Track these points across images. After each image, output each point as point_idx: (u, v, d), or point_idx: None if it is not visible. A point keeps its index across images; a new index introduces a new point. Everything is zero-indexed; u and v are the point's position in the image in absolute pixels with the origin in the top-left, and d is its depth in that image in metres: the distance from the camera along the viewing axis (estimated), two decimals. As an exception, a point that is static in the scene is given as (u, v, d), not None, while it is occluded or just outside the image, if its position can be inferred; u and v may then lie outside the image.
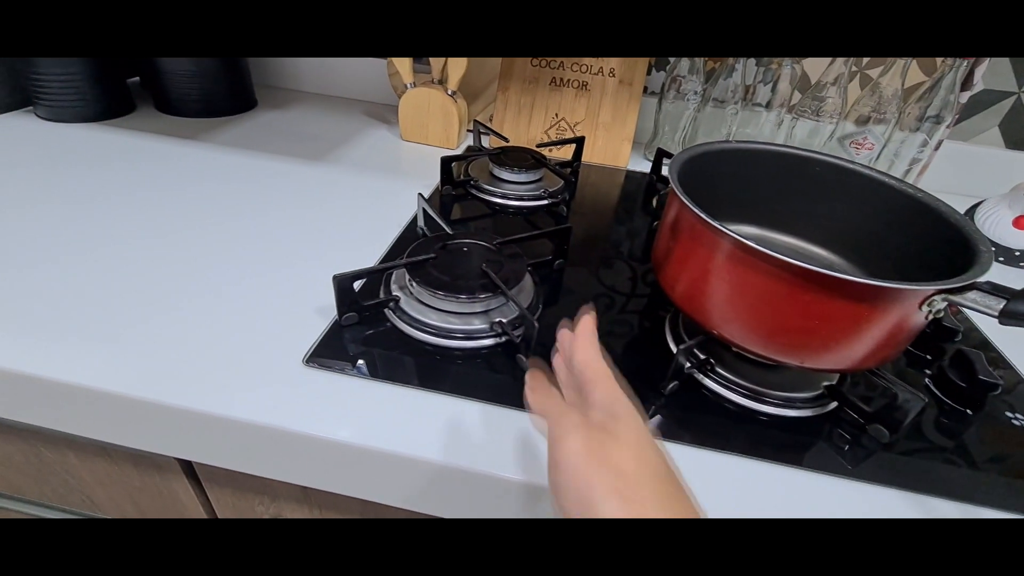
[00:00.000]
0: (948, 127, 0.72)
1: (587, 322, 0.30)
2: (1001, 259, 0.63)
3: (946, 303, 0.30)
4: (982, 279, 0.30)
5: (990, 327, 0.50)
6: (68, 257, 0.46)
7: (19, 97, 0.73)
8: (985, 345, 0.48)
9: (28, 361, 0.36)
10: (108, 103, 0.73)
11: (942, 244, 0.36)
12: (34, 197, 0.54)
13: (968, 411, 0.40)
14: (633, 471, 0.22)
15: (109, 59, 0.72)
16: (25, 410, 0.38)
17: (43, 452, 0.46)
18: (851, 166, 0.43)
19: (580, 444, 0.23)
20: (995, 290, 0.29)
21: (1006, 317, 0.28)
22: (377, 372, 0.38)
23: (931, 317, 0.32)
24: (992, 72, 0.75)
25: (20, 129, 0.68)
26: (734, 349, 0.38)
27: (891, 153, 0.74)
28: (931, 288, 0.29)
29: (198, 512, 0.47)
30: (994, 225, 0.63)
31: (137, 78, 0.85)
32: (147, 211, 0.53)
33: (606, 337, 0.44)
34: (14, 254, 0.45)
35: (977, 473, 0.35)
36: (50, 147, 0.64)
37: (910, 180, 0.76)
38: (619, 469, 0.22)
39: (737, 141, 0.45)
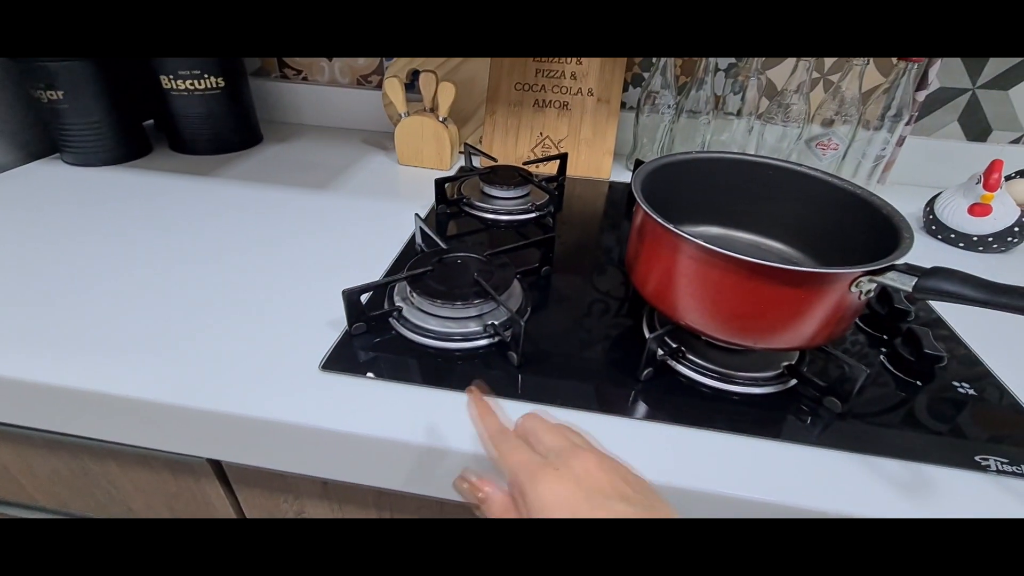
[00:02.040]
0: (908, 124, 0.77)
1: (481, 413, 0.32)
2: (961, 245, 0.68)
3: (873, 283, 0.35)
4: (900, 261, 0.34)
5: (943, 308, 0.55)
6: (102, 285, 0.51)
7: (47, 145, 0.79)
8: (938, 323, 0.52)
9: (73, 376, 0.41)
10: (127, 146, 0.80)
11: (878, 233, 0.41)
12: (68, 234, 0.60)
13: (918, 383, 0.45)
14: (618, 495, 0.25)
15: (127, 106, 0.78)
16: (72, 421, 0.43)
17: (88, 465, 0.51)
18: (798, 168, 0.48)
19: (560, 487, 0.25)
20: (910, 270, 0.33)
21: (918, 292, 0.32)
22: (385, 373, 0.42)
23: (864, 297, 0.36)
24: (945, 71, 0.80)
25: (50, 174, 0.74)
26: (702, 337, 0.43)
27: (857, 152, 0.79)
28: (856, 271, 0.34)
29: (228, 513, 0.52)
30: (952, 214, 0.68)
31: (151, 121, 0.92)
32: (170, 242, 0.59)
33: (593, 337, 0.48)
34: (53, 284, 0.51)
35: (922, 435, 0.40)
36: (78, 189, 0.70)
37: (877, 175, 0.81)
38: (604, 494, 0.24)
39: (697, 152, 0.50)
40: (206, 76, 0.78)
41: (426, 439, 0.38)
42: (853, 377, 0.39)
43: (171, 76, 0.77)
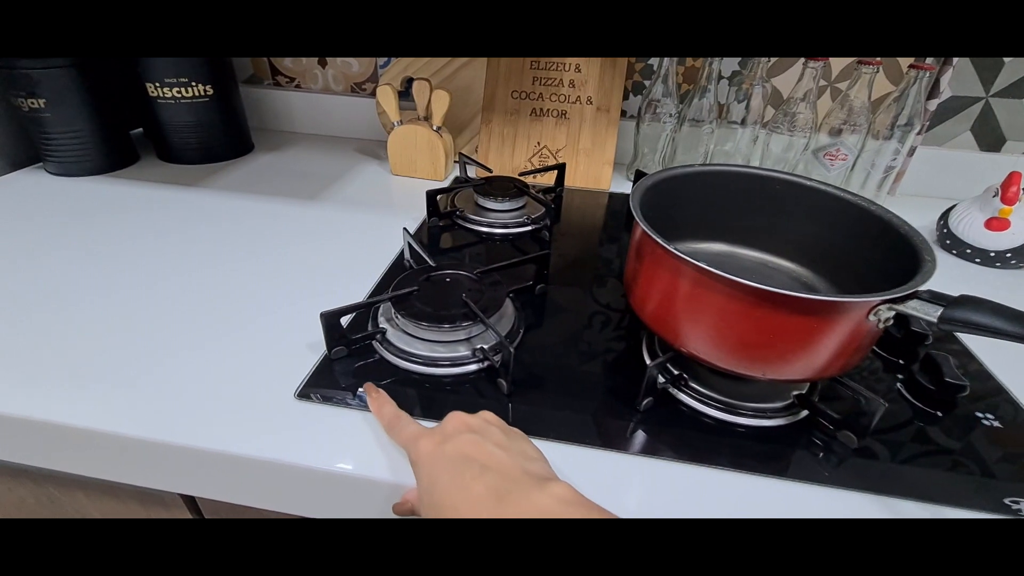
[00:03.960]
0: (919, 134, 0.74)
1: (379, 404, 0.37)
2: (978, 260, 0.65)
3: (893, 312, 0.32)
4: (923, 287, 0.32)
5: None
6: (73, 307, 0.48)
7: (29, 154, 0.77)
8: (957, 347, 0.49)
9: (39, 407, 0.38)
10: (113, 155, 0.78)
11: (895, 254, 0.38)
12: (44, 249, 0.57)
13: (938, 413, 0.41)
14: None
15: (112, 114, 0.76)
16: (37, 454, 0.40)
17: (54, 494, 0.48)
18: (809, 183, 0.45)
19: (429, 441, 0.31)
20: (934, 298, 0.30)
21: (943, 323, 0.29)
22: (367, 403, 0.40)
23: (882, 325, 0.33)
24: (958, 79, 0.77)
25: (31, 185, 0.72)
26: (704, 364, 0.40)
27: (867, 162, 0.76)
28: (875, 299, 0.31)
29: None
30: (968, 228, 0.65)
31: (140, 129, 0.90)
32: (150, 258, 0.56)
33: (589, 361, 0.45)
34: (22, 306, 0.48)
35: (945, 473, 0.37)
36: (59, 201, 0.68)
37: (887, 187, 0.78)
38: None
39: (700, 164, 0.48)
40: (194, 84, 0.76)
41: (409, 478, 0.35)
42: (870, 411, 0.36)
43: (157, 84, 0.74)
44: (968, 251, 0.65)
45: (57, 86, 0.69)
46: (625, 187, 0.82)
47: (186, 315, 0.48)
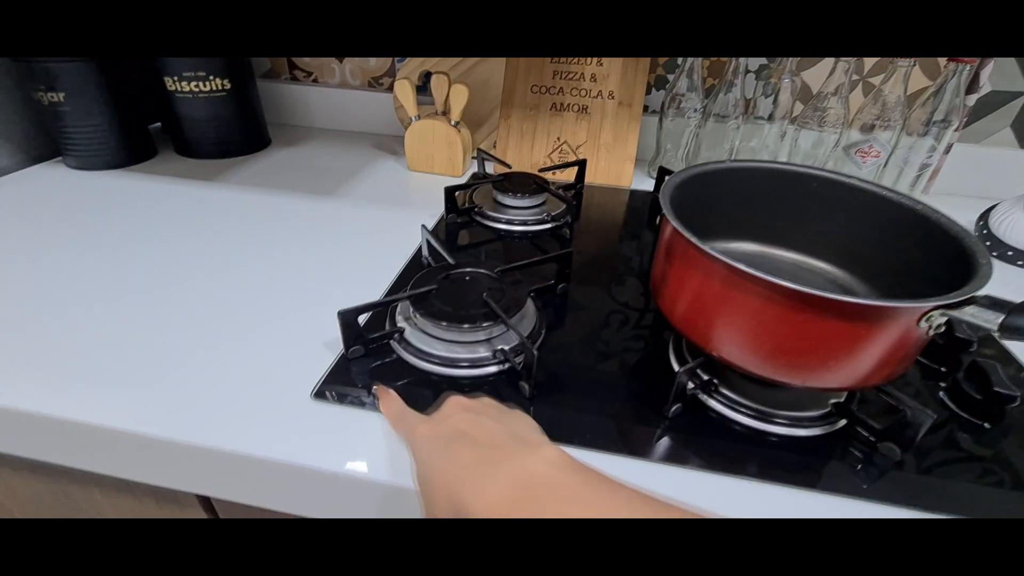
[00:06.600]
0: (956, 130, 0.71)
1: (385, 403, 0.36)
2: (1020, 263, 0.62)
3: (945, 318, 0.30)
4: (981, 292, 0.29)
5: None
6: (92, 304, 0.48)
7: (49, 148, 0.77)
8: (1004, 354, 0.47)
9: (54, 404, 0.38)
10: (131, 150, 0.77)
11: (943, 256, 0.36)
12: (62, 244, 0.57)
13: (986, 424, 0.39)
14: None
15: (131, 108, 0.76)
16: (53, 451, 0.40)
17: (71, 490, 0.47)
18: (848, 180, 0.43)
19: (426, 428, 0.30)
20: (993, 304, 0.28)
21: (1005, 331, 0.27)
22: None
23: (932, 332, 0.31)
24: (999, 74, 0.74)
25: (50, 179, 0.72)
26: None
27: (900, 160, 0.73)
28: (928, 304, 0.29)
29: (218, 545, 0.48)
30: (1010, 228, 0.62)
31: (158, 124, 0.89)
32: (167, 254, 0.56)
33: (614, 363, 0.44)
34: (43, 300, 0.48)
35: (996, 490, 0.34)
36: (78, 195, 0.68)
37: (921, 185, 0.75)
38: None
39: (732, 160, 0.46)
40: (211, 78, 0.75)
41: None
42: (916, 422, 0.34)
43: (175, 78, 0.74)
44: (1010, 253, 0.62)
45: (76, 80, 0.69)
46: (646, 184, 0.80)
47: (202, 312, 0.47)
